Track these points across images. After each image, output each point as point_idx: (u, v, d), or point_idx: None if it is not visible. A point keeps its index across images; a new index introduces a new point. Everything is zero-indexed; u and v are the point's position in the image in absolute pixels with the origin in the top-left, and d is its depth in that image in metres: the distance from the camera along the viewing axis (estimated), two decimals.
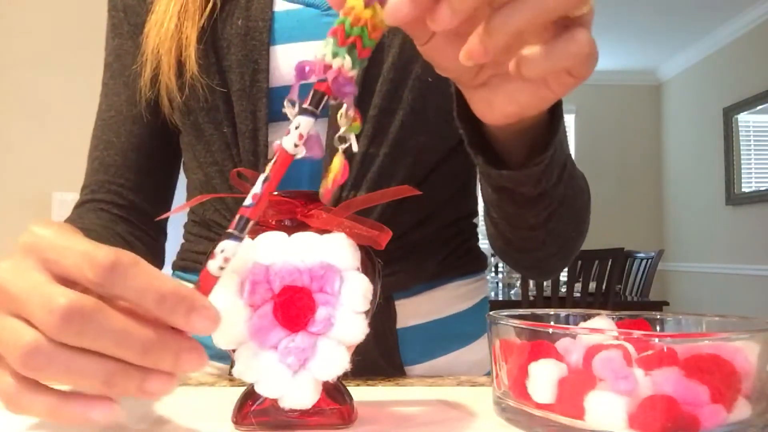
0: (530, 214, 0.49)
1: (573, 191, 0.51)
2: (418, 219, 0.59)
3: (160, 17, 0.57)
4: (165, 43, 0.56)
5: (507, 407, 0.39)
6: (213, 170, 0.59)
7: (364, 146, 0.55)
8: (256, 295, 0.35)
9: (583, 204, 0.55)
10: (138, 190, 0.63)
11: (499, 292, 3.48)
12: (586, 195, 0.56)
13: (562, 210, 0.50)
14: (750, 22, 4.33)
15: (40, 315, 0.27)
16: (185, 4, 0.56)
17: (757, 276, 4.22)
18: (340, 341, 0.35)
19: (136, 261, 0.29)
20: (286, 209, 0.38)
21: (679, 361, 0.32)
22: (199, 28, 0.55)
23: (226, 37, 0.56)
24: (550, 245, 0.54)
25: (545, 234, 0.52)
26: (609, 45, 4.97)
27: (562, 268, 0.61)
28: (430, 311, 0.60)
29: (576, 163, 0.54)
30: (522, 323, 0.38)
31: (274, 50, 0.56)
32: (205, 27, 0.56)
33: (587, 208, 0.56)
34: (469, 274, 0.65)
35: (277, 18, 0.57)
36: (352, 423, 0.38)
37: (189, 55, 0.55)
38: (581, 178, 0.55)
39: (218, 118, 0.56)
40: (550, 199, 0.48)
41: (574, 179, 0.51)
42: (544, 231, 0.51)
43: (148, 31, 0.58)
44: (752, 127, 4.51)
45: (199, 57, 0.56)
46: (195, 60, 0.55)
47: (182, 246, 0.67)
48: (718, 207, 4.67)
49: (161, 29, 0.57)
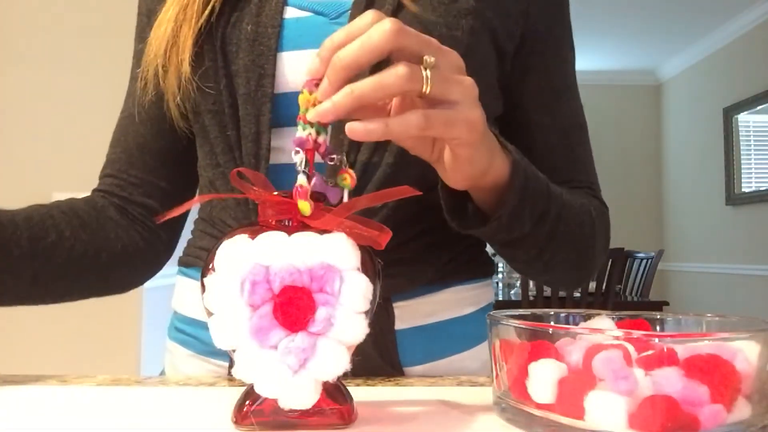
0: (519, 253, 0.56)
1: (567, 227, 0.56)
2: (422, 228, 0.59)
3: (161, 21, 0.58)
4: (162, 46, 0.57)
5: (507, 407, 0.39)
6: (216, 172, 0.59)
7: (366, 156, 0.55)
8: (256, 295, 0.35)
9: (586, 234, 0.59)
10: (140, 186, 0.65)
11: (499, 292, 3.48)
12: (588, 228, 0.59)
13: (554, 245, 0.55)
14: (750, 22, 4.33)
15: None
16: (184, 7, 0.57)
17: (757, 276, 4.22)
18: (340, 341, 0.35)
19: None
20: (286, 209, 0.39)
21: (679, 361, 0.33)
22: (195, 32, 0.56)
23: (235, 41, 0.57)
24: (553, 271, 0.59)
25: (543, 265, 0.57)
26: (609, 45, 4.97)
27: (582, 283, 0.65)
28: (430, 314, 0.60)
29: None
30: (522, 323, 0.38)
31: (281, 57, 0.57)
32: (202, 31, 0.56)
33: (593, 236, 0.60)
34: (473, 279, 0.64)
35: (286, 25, 0.57)
36: (352, 423, 0.38)
37: (183, 59, 0.56)
38: (583, 213, 0.58)
39: (223, 121, 0.57)
40: (535, 239, 0.54)
41: (564, 217, 0.55)
42: (540, 263, 0.57)
43: (151, 35, 0.59)
44: (752, 127, 4.51)
45: (204, 61, 0.56)
46: (189, 63, 0.56)
47: (188, 242, 0.68)
48: (718, 207, 4.67)
49: (159, 32, 0.58)
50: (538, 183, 0.52)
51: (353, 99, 0.37)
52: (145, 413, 0.42)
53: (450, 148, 0.43)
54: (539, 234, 0.53)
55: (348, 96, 0.37)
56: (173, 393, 0.48)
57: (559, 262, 0.58)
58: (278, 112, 0.56)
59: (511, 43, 0.61)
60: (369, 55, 0.38)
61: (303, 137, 0.39)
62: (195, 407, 0.44)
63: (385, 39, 0.37)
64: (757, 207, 4.27)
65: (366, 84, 0.38)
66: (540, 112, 0.64)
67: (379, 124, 0.38)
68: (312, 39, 0.57)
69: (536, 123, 0.64)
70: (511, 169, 0.49)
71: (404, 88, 0.38)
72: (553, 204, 0.53)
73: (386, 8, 0.55)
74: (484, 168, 0.46)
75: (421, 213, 0.58)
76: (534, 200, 0.51)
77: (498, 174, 0.48)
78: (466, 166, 0.44)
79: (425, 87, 0.38)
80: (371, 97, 0.38)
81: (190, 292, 0.64)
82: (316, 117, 0.38)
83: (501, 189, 0.49)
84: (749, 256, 4.33)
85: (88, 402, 0.45)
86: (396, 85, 0.37)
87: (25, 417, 0.41)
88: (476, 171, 0.45)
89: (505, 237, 0.52)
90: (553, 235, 0.54)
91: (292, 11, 0.58)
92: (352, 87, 0.38)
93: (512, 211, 0.49)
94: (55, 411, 0.43)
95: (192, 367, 0.62)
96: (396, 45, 0.38)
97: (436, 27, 0.56)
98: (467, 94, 0.40)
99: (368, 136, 0.38)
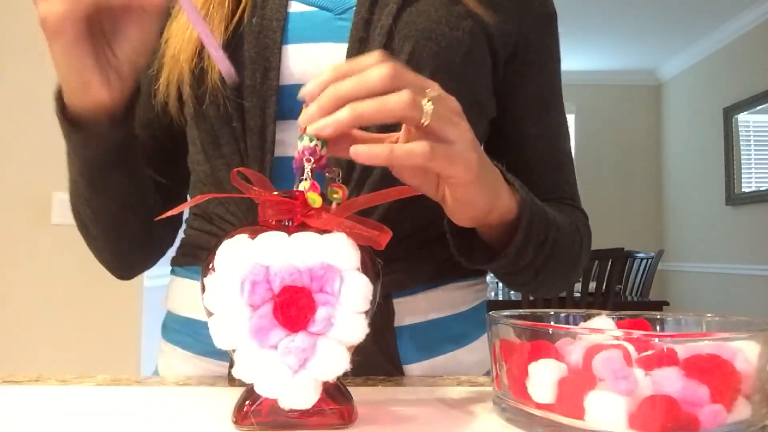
0: (518, 278, 0.58)
1: (561, 251, 0.58)
2: (421, 224, 0.60)
3: (182, 26, 0.58)
4: (187, 50, 0.57)
5: (507, 407, 0.39)
6: (220, 163, 0.59)
7: None
8: (256, 295, 0.35)
9: (575, 253, 0.62)
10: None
11: (499, 292, 3.47)
12: (577, 246, 0.62)
13: (550, 266, 0.58)
14: (750, 22, 4.33)
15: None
16: (210, 15, 0.57)
17: (757, 276, 4.22)
18: (340, 341, 0.35)
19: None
20: (286, 209, 0.39)
21: (679, 361, 0.33)
22: (224, 39, 0.56)
23: (240, 34, 0.57)
24: (544, 286, 0.62)
25: (537, 284, 0.60)
26: (609, 45, 4.97)
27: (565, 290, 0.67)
28: (429, 310, 0.60)
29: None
30: (522, 323, 0.38)
31: (286, 49, 0.57)
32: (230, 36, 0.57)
33: (580, 254, 0.63)
34: (469, 277, 0.65)
35: (290, 18, 0.58)
36: (352, 423, 0.38)
37: (213, 66, 0.56)
38: (573, 233, 0.61)
39: (228, 113, 0.57)
40: (534, 266, 0.56)
41: (560, 241, 0.57)
42: (535, 282, 0.59)
43: (168, 37, 0.59)
44: (752, 127, 4.51)
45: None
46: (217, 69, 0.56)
47: (182, 241, 0.67)
48: (718, 207, 4.67)
49: (184, 36, 0.57)
50: (541, 214, 0.54)
51: (353, 117, 0.38)
52: (144, 413, 0.42)
53: (448, 190, 0.44)
54: (538, 260, 0.55)
55: (348, 113, 0.38)
56: (173, 393, 0.48)
57: (552, 279, 0.61)
58: (283, 104, 0.57)
59: (505, 50, 0.62)
60: (364, 93, 0.39)
61: (311, 146, 0.40)
62: (195, 407, 0.44)
63: (381, 81, 0.39)
64: (757, 207, 4.27)
65: (367, 104, 0.39)
66: (529, 120, 0.66)
67: (384, 149, 0.39)
68: (317, 33, 0.57)
69: (526, 132, 0.66)
70: (519, 207, 0.51)
71: (404, 114, 0.39)
72: (551, 231, 0.55)
73: (391, 6, 0.56)
74: (488, 207, 0.47)
75: (418, 209, 0.58)
76: (537, 232, 0.53)
77: (504, 211, 0.50)
78: (467, 206, 0.45)
79: (425, 118, 0.39)
80: (370, 118, 0.39)
81: (186, 291, 0.64)
82: (315, 131, 0.39)
83: (507, 225, 0.51)
84: (749, 256, 4.33)
85: (88, 402, 0.45)
86: (397, 109, 0.39)
87: (25, 417, 0.41)
88: (479, 211, 0.47)
89: (510, 269, 0.54)
90: (550, 259, 0.57)
91: (296, 5, 0.59)
92: (353, 105, 0.39)
93: (519, 246, 0.51)
94: (54, 411, 0.43)
95: (190, 368, 0.62)
96: (392, 88, 0.39)
97: (439, 25, 0.56)
98: (463, 136, 0.42)
99: (372, 159, 0.39)
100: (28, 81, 2.00)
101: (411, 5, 0.57)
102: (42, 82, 2.01)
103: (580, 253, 0.63)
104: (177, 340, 0.64)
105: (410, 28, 0.56)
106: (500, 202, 0.49)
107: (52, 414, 0.42)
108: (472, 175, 0.43)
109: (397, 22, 0.56)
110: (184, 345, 0.63)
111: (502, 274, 0.58)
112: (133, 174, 0.60)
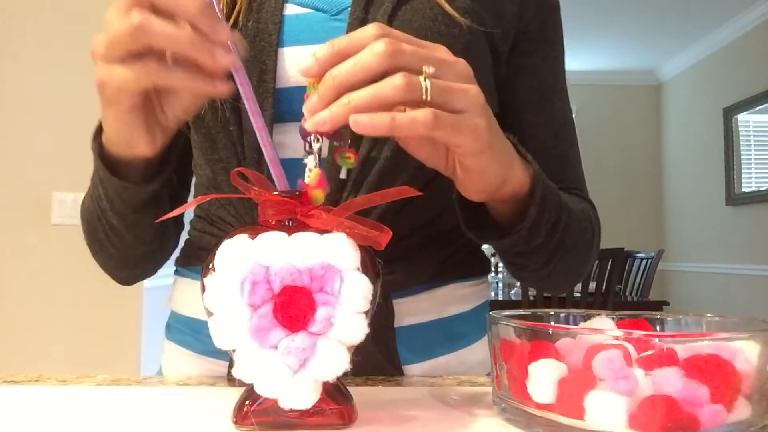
0: (530, 263, 0.57)
1: (573, 236, 0.56)
2: (420, 223, 0.59)
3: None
4: None
5: (507, 407, 0.39)
6: (218, 167, 0.59)
7: (366, 150, 0.56)
8: (256, 295, 0.35)
9: (586, 242, 0.60)
10: None
11: (499, 292, 3.48)
12: (589, 234, 0.60)
13: (562, 252, 0.56)
14: (750, 22, 4.33)
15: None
16: None
17: (757, 276, 4.22)
18: (340, 341, 0.35)
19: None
20: (286, 209, 0.39)
21: (679, 361, 0.33)
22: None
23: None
24: (555, 276, 0.60)
25: (548, 271, 0.58)
26: (609, 45, 4.97)
27: (574, 285, 0.66)
28: (429, 311, 0.60)
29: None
30: (522, 323, 0.38)
31: (282, 52, 0.57)
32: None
33: (592, 243, 0.61)
34: (470, 277, 0.65)
35: (286, 21, 0.58)
36: (352, 423, 0.38)
37: None
38: (585, 219, 0.59)
39: (225, 116, 0.57)
40: (546, 249, 0.54)
41: (572, 226, 0.56)
42: (546, 270, 0.58)
43: None
44: (752, 127, 4.51)
45: None
46: None
47: (186, 242, 0.68)
48: (718, 207, 4.67)
49: None
50: (553, 192, 0.52)
51: (350, 110, 0.38)
52: (144, 413, 0.42)
53: (458, 160, 0.43)
54: (550, 243, 0.54)
55: (345, 107, 0.38)
56: (173, 393, 0.48)
57: (563, 268, 0.59)
58: (279, 107, 0.56)
59: (505, 44, 0.62)
60: (362, 76, 0.38)
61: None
62: (195, 407, 0.44)
63: (378, 61, 0.38)
64: (757, 207, 4.27)
65: (363, 94, 0.38)
66: (532, 112, 0.65)
67: (385, 118, 0.37)
68: (313, 35, 0.57)
69: (529, 123, 0.65)
70: (532, 180, 0.49)
71: (401, 98, 0.38)
72: (564, 213, 0.54)
73: (386, 5, 0.56)
74: (500, 179, 0.45)
75: (418, 208, 0.58)
76: (550, 211, 0.51)
77: (517, 184, 0.48)
78: (478, 178, 0.44)
79: (424, 95, 0.38)
80: (368, 108, 0.38)
81: (189, 291, 0.64)
82: (313, 127, 0.39)
83: (520, 199, 0.49)
84: (749, 256, 4.33)
85: (88, 402, 0.45)
86: (393, 96, 0.38)
87: (25, 417, 0.41)
88: (491, 183, 0.45)
89: (522, 248, 0.53)
90: (562, 243, 0.55)
91: (292, 8, 0.59)
92: (349, 97, 0.38)
93: (533, 223, 0.50)
94: (54, 411, 0.43)
95: (191, 367, 0.62)
96: (390, 66, 0.38)
97: (435, 23, 0.56)
98: (472, 102, 0.40)
99: (373, 129, 0.37)
100: (28, 81, 2.00)
101: (406, 3, 0.56)
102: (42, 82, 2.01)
103: (593, 242, 0.61)
104: (179, 339, 0.64)
105: (406, 27, 0.55)
106: (513, 174, 0.47)
107: (52, 414, 0.42)
108: (482, 143, 0.41)
109: (393, 21, 0.56)
110: (186, 344, 0.63)
111: (514, 255, 0.56)
112: (163, 210, 0.58)
